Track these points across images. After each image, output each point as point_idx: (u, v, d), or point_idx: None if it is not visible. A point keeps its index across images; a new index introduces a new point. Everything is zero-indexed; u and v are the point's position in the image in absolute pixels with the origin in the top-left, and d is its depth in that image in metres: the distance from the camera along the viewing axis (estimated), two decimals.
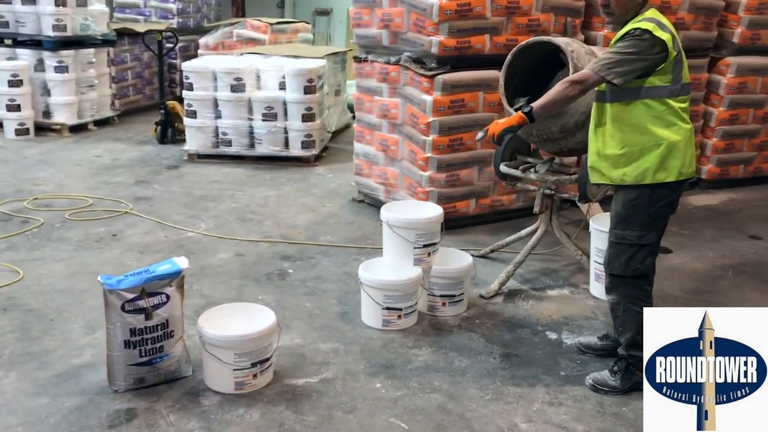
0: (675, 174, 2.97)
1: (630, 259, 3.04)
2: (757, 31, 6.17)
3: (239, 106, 7.08)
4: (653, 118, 2.94)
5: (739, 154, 6.46)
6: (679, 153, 2.95)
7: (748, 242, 5.16)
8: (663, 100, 2.93)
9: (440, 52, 4.85)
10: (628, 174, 3.00)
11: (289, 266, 4.55)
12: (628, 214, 3.03)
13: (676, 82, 2.94)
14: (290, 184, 6.50)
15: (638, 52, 2.86)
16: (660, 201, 2.99)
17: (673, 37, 2.90)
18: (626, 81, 2.89)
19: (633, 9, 2.99)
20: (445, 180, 5.09)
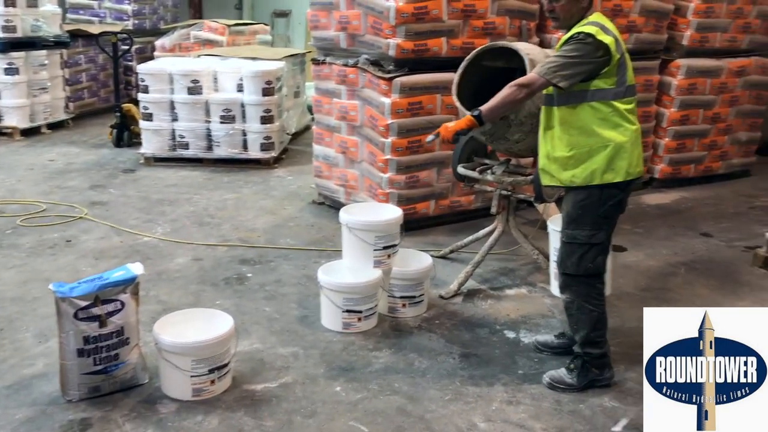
0: (622, 174, 3.03)
1: (581, 258, 3.10)
2: (706, 34, 6.34)
3: (196, 108, 7.00)
4: (599, 120, 3.00)
5: (690, 154, 6.62)
6: (625, 154, 3.01)
7: (699, 240, 5.30)
8: (608, 102, 2.99)
9: (398, 54, 4.87)
10: (577, 175, 3.05)
11: (248, 270, 4.51)
12: (578, 214, 3.09)
13: (621, 84, 3.00)
14: (249, 186, 6.46)
15: (582, 56, 2.92)
16: (609, 201, 3.05)
17: (616, 40, 2.96)
18: (571, 84, 2.95)
19: (578, 13, 3.05)
20: (405, 182, 5.11)
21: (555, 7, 3.06)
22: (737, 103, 6.70)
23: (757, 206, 6.17)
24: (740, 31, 6.52)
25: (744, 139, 6.91)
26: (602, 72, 2.95)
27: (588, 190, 3.05)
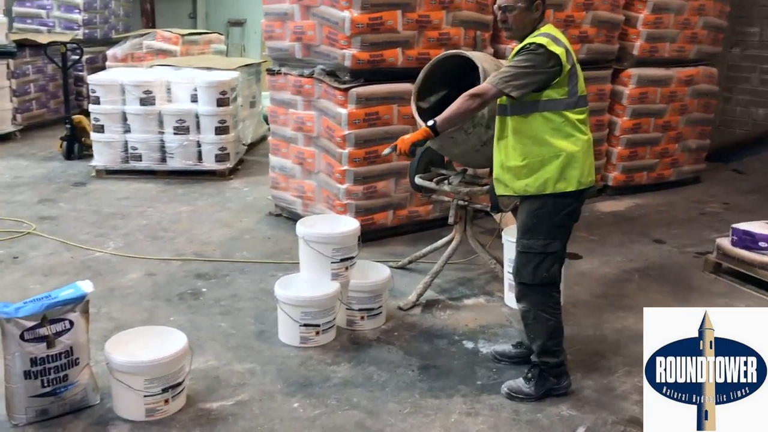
0: (575, 184, 3.06)
1: (537, 267, 3.11)
2: (655, 44, 6.49)
3: (149, 119, 6.88)
4: (552, 130, 3.03)
5: (642, 162, 6.75)
6: (577, 163, 3.05)
7: (652, 246, 5.39)
8: (560, 112, 3.03)
9: (353, 65, 4.85)
10: (530, 185, 3.07)
11: (203, 285, 4.43)
12: (532, 224, 3.11)
13: (573, 94, 3.04)
14: (204, 198, 6.36)
15: (534, 66, 2.95)
16: (562, 210, 3.08)
17: (567, 51, 3.00)
18: (524, 94, 2.98)
19: (530, 24, 3.08)
20: (363, 192, 5.09)
21: (508, 18, 3.08)
22: (687, 112, 6.86)
23: (707, 212, 6.31)
24: (688, 41, 6.68)
25: (694, 146, 7.08)
26: (554, 82, 2.99)
27: (542, 199, 3.07)
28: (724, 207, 6.48)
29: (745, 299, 4.39)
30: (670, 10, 6.43)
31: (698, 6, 6.59)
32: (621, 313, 4.17)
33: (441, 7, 5.04)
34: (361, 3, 4.72)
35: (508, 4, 3.05)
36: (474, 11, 5.29)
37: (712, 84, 7.02)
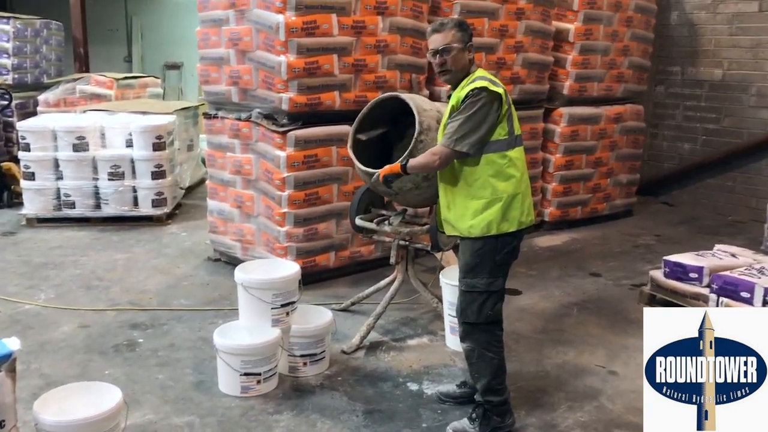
0: (515, 224, 3.13)
1: (481, 306, 3.14)
2: (584, 84, 6.74)
3: (83, 165, 6.71)
4: (495, 172, 3.09)
5: (576, 197, 6.94)
6: (518, 204, 3.12)
7: (589, 279, 5.51)
8: (503, 153, 3.09)
9: (291, 108, 4.87)
10: (474, 226, 3.12)
11: (140, 335, 4.29)
12: (476, 263, 3.14)
13: (511, 134, 3.12)
14: (140, 245, 6.21)
15: (483, 114, 3.01)
16: (504, 249, 3.14)
17: (504, 92, 3.09)
18: (479, 148, 3.04)
19: (466, 67, 3.15)
20: (303, 234, 5.06)
21: (446, 60, 3.12)
22: (617, 148, 7.11)
23: (640, 244, 6.51)
24: (615, 80, 6.96)
25: (625, 181, 7.32)
26: (498, 124, 3.07)
27: (485, 239, 3.11)
28: (656, 239, 6.70)
29: None
30: (596, 51, 6.70)
31: (623, 47, 6.89)
32: (561, 347, 4.23)
33: (376, 51, 5.13)
34: (297, 48, 4.75)
35: (446, 46, 3.11)
36: (408, 55, 5.39)
37: (640, 121, 7.31)
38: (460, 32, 3.13)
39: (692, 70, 7.84)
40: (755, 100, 7.32)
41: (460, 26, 3.15)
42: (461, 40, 3.12)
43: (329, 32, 4.87)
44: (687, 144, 8.00)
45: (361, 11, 5.02)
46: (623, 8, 6.79)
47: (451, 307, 3.95)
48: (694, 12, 7.73)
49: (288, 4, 4.71)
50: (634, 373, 3.90)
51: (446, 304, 4.16)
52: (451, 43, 3.10)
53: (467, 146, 3.02)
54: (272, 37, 4.81)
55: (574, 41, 6.56)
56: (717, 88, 7.63)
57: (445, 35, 3.11)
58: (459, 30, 3.13)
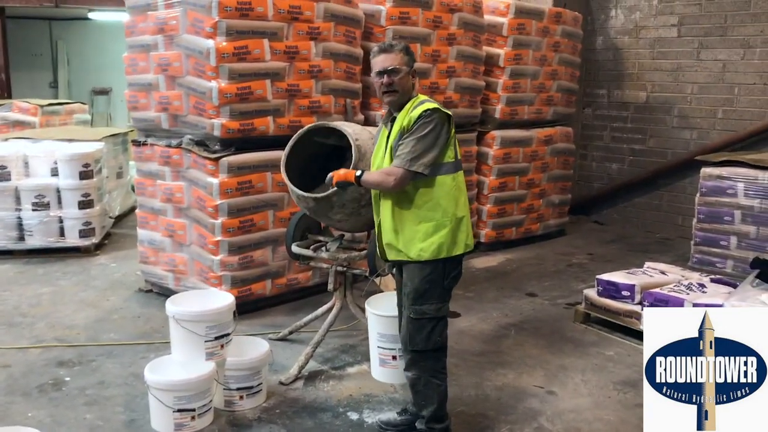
0: (462, 247, 3.14)
1: (431, 333, 3.13)
2: (515, 107, 6.87)
3: (4, 196, 6.43)
4: (445, 194, 3.10)
5: (510, 218, 7.04)
6: (464, 227, 3.14)
7: (525, 300, 5.57)
8: (453, 175, 3.11)
9: (223, 134, 4.78)
10: (425, 249, 3.09)
11: (66, 373, 4.09)
12: (425, 289, 3.11)
13: (456, 157, 3.15)
14: (67, 278, 5.96)
15: (436, 135, 3.02)
16: (451, 272, 3.15)
17: (450, 116, 3.12)
18: (433, 169, 3.04)
19: (409, 91, 3.17)
20: (238, 262, 4.95)
21: (394, 81, 3.11)
22: (548, 169, 7.27)
23: (574, 264, 6.64)
24: (544, 103, 7.13)
25: (557, 201, 7.48)
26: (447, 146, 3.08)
27: (433, 263, 3.10)
28: (589, 258, 6.85)
29: (614, 346, 4.60)
30: (526, 75, 6.85)
31: (551, 71, 7.08)
32: (501, 369, 4.24)
33: (310, 76, 5.10)
34: (229, 73, 4.68)
35: (394, 67, 3.11)
36: (342, 80, 5.39)
37: (569, 143, 7.50)
38: (407, 56, 3.16)
39: (618, 92, 8.11)
40: (677, 121, 7.62)
41: (407, 50, 3.18)
42: (408, 64, 3.15)
43: (261, 57, 4.82)
44: (615, 164, 8.25)
45: (293, 36, 4.99)
46: (551, 33, 6.98)
47: (381, 339, 3.90)
48: (618, 37, 8.02)
49: (218, 30, 4.64)
50: (572, 393, 3.94)
51: (373, 335, 3.99)
52: (399, 65, 3.11)
53: (422, 167, 3.01)
54: (202, 62, 4.72)
55: (504, 66, 6.69)
56: (642, 110, 7.91)
57: (393, 57, 3.12)
58: (406, 54, 3.16)
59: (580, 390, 3.98)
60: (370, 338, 4.05)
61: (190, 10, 4.75)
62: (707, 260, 6.18)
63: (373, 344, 4.01)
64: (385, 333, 3.88)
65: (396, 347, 3.76)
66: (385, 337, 3.89)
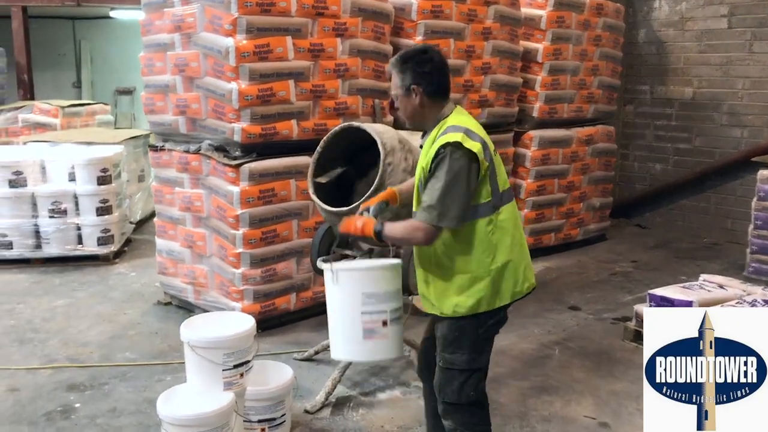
0: (509, 296, 2.68)
1: (463, 386, 2.72)
2: (554, 106, 6.46)
3: (20, 202, 6.19)
4: (480, 242, 2.62)
5: (549, 223, 6.63)
6: (510, 274, 2.65)
7: (568, 314, 5.18)
8: (489, 218, 2.62)
9: (244, 139, 4.46)
10: (460, 305, 2.65)
11: (77, 399, 3.81)
12: (455, 337, 2.70)
13: (495, 193, 2.63)
14: (84, 288, 5.70)
15: (461, 180, 2.50)
16: (489, 320, 2.70)
17: (484, 144, 2.60)
18: (464, 218, 2.57)
19: (419, 112, 2.67)
20: (261, 276, 4.64)
21: (395, 101, 2.72)
22: (589, 171, 6.85)
23: (617, 272, 6.22)
24: (585, 101, 6.71)
25: (598, 204, 7.06)
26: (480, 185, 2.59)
27: (469, 316, 2.67)
28: (633, 265, 6.42)
29: None
30: (566, 71, 6.44)
31: (592, 66, 6.65)
32: (546, 396, 3.87)
33: (336, 75, 4.76)
34: (249, 73, 4.36)
35: (391, 89, 2.74)
36: (371, 79, 5.04)
37: (611, 142, 7.07)
38: (399, 74, 2.66)
39: (662, 88, 7.65)
40: (727, 119, 7.15)
41: (399, 65, 2.67)
42: (400, 85, 2.66)
43: (284, 56, 4.49)
44: (658, 164, 7.80)
45: (318, 33, 4.65)
46: (592, 27, 6.55)
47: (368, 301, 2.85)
48: (662, 29, 7.56)
49: (238, 27, 4.32)
50: (627, 424, 3.56)
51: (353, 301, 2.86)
52: (395, 89, 2.69)
53: (451, 220, 2.54)
54: (221, 62, 4.41)
55: (542, 61, 6.29)
56: (687, 106, 7.45)
57: (391, 76, 2.72)
58: (398, 71, 2.66)
59: (635, 421, 3.59)
60: (342, 309, 2.93)
61: (207, 6, 4.44)
62: (765, 270, 5.72)
63: (350, 315, 2.89)
64: (373, 291, 2.85)
65: (387, 308, 2.86)
66: (373, 298, 2.85)
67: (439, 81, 2.66)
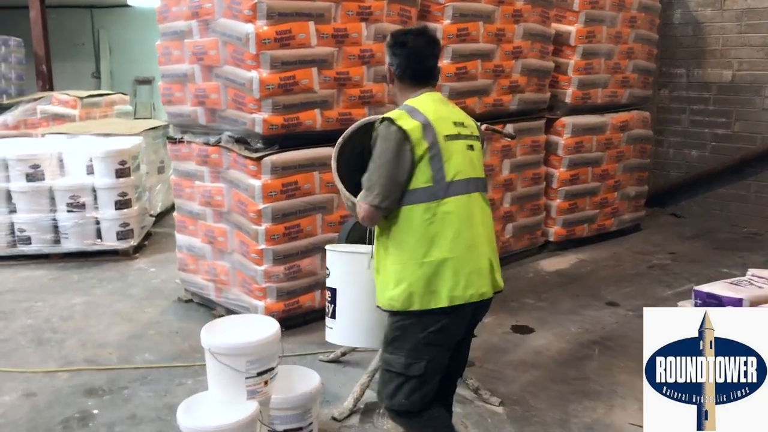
0: (445, 299, 2.45)
1: (395, 391, 2.54)
2: (587, 91, 6.18)
3: (38, 197, 6.05)
4: (413, 230, 2.45)
5: (582, 213, 6.37)
6: (448, 273, 2.45)
7: (606, 310, 4.93)
8: (427, 205, 2.44)
9: (265, 130, 4.26)
10: (395, 299, 2.49)
11: (95, 404, 3.65)
12: (394, 337, 2.53)
13: (439, 181, 2.46)
14: (103, 285, 5.55)
15: (388, 156, 2.43)
16: (430, 326, 2.48)
17: (426, 125, 2.44)
18: (394, 200, 2.45)
19: (397, 99, 2.63)
20: (285, 273, 4.45)
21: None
22: (623, 158, 6.56)
23: (655, 265, 5.94)
24: (619, 85, 6.42)
25: (633, 193, 6.77)
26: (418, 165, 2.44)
27: (406, 313, 2.49)
28: (671, 257, 6.14)
29: None
30: (599, 55, 6.15)
31: (627, 49, 6.35)
32: (588, 401, 3.64)
33: (361, 62, 4.53)
34: (271, 61, 4.15)
35: None
36: None
37: (646, 128, 6.78)
38: (386, 55, 2.67)
39: (698, 71, 7.32)
40: None
41: (385, 44, 2.68)
42: (389, 64, 2.66)
43: (307, 43, 4.27)
44: (695, 151, 7.48)
45: (342, 18, 4.42)
46: (626, 7, 6.25)
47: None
48: (699, 9, 7.21)
49: (258, 12, 4.10)
50: None
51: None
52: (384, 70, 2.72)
53: (375, 198, 2.43)
54: (241, 49, 4.20)
55: (575, 44, 6.00)
56: (726, 90, 7.11)
57: None
58: (385, 50, 2.68)
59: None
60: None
61: None
62: None
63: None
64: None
65: None
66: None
67: (408, 65, 2.58)
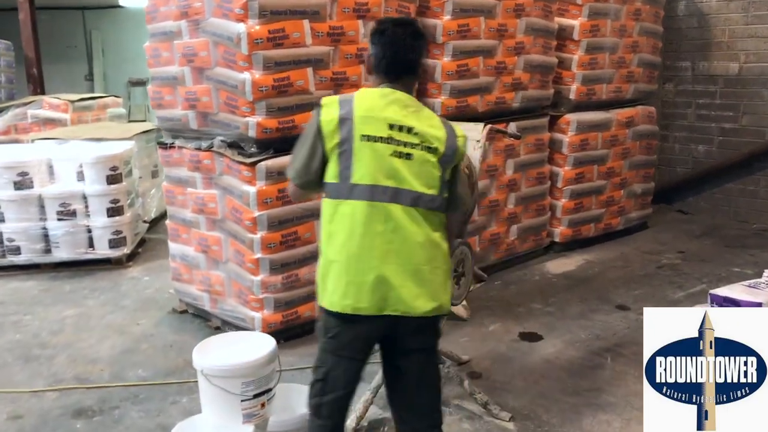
0: (326, 300, 2.37)
1: (310, 388, 2.51)
2: (592, 86, 5.99)
3: (27, 205, 5.85)
4: (324, 222, 2.40)
5: (588, 213, 6.19)
6: (333, 276, 2.34)
7: (617, 315, 4.75)
8: (333, 202, 2.35)
9: (259, 134, 4.07)
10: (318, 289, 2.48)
11: (84, 427, 3.47)
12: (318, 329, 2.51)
13: (344, 179, 2.31)
14: (95, 296, 5.36)
15: (306, 135, 2.41)
16: (329, 331, 2.39)
17: (344, 119, 2.31)
18: (307, 181, 2.42)
19: (373, 84, 2.54)
20: (282, 282, 4.27)
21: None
22: (629, 155, 6.38)
23: (664, 264, 5.77)
24: (624, 80, 6.24)
25: (639, 191, 6.60)
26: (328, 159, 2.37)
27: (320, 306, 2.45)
28: (680, 257, 5.97)
29: None
30: (604, 49, 5.96)
31: (632, 43, 6.17)
32: (602, 415, 3.47)
33: (358, 61, 4.34)
34: (263, 62, 3.96)
35: None
36: None
37: (652, 124, 6.60)
38: None
39: (704, 64, 7.14)
40: None
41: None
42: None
43: (301, 42, 4.08)
44: (701, 146, 7.30)
45: (338, 15, 4.23)
46: (630, 0, 6.06)
47: None
48: (704, 1, 7.02)
49: (249, 11, 3.92)
50: None
51: None
52: None
53: (293, 173, 2.46)
54: (233, 50, 4.01)
55: (579, 39, 5.81)
56: (733, 83, 6.94)
57: None
58: None
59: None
60: None
61: None
62: None
63: None
64: None
65: None
66: None
67: (384, 55, 2.49)
